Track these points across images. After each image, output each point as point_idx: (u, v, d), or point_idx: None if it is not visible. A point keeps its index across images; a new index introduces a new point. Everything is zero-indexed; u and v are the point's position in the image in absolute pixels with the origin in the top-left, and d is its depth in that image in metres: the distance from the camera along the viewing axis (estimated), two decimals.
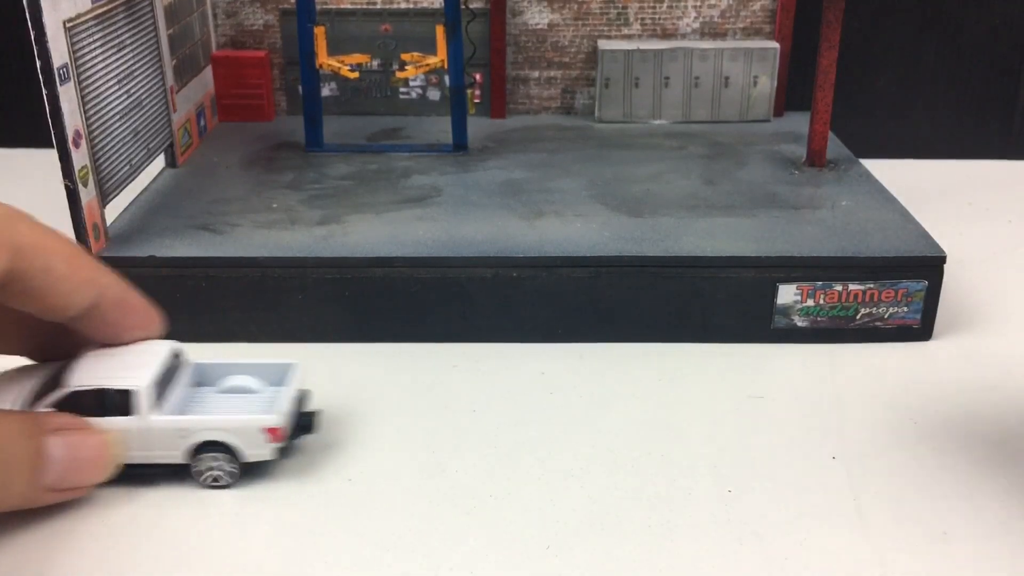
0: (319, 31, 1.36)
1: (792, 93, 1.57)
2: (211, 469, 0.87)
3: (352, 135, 1.48)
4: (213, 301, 1.10)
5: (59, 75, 1.01)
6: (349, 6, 1.53)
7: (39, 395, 0.86)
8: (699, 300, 1.10)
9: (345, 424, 0.97)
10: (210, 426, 0.86)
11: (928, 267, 1.09)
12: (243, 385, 0.92)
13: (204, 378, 0.94)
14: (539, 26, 1.55)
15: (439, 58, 1.38)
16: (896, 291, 1.09)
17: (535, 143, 1.45)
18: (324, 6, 1.50)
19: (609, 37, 1.56)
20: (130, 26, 1.20)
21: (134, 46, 1.21)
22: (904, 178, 1.42)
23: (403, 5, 1.53)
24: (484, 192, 1.26)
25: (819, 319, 1.10)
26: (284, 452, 0.88)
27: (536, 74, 1.58)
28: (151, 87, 1.26)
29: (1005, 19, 1.61)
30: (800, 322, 1.11)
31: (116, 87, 1.15)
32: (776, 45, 1.52)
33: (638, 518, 0.84)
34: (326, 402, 1.00)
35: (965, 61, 1.64)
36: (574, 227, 1.15)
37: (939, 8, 1.61)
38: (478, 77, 1.56)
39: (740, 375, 1.06)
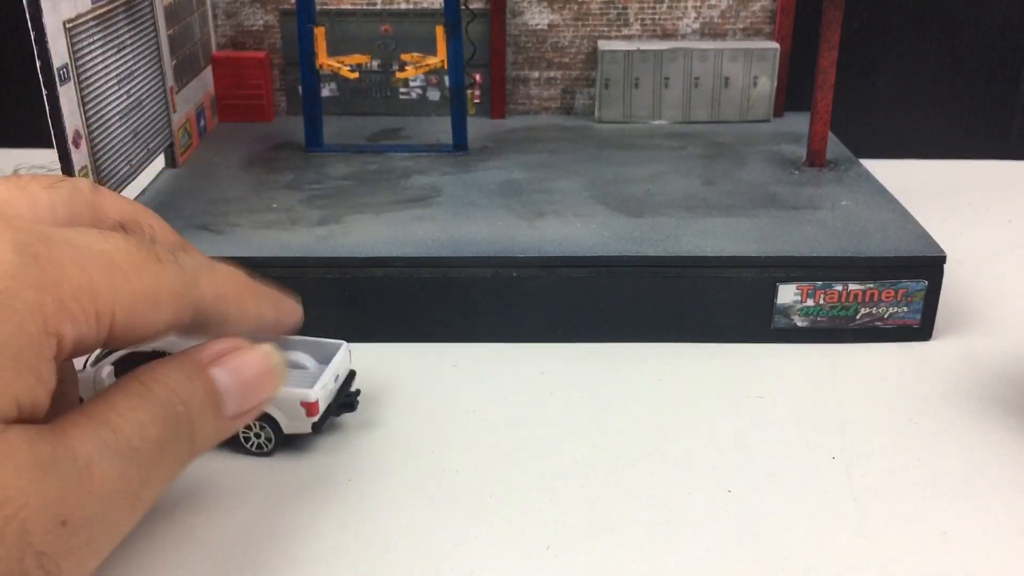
0: (319, 31, 1.36)
1: (792, 93, 1.57)
2: (258, 437, 0.91)
3: (352, 135, 1.48)
4: None
5: (59, 75, 1.01)
6: (349, 6, 1.53)
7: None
8: (699, 300, 1.10)
9: (345, 424, 0.97)
10: None
11: (928, 267, 1.09)
12: (296, 361, 0.94)
13: None
14: (539, 26, 1.55)
15: (439, 58, 1.38)
16: (896, 291, 1.09)
17: (535, 143, 1.45)
18: (324, 6, 1.50)
19: (609, 37, 1.56)
20: (130, 26, 1.20)
21: (134, 46, 1.21)
22: (904, 178, 1.42)
23: (403, 5, 1.53)
24: (484, 192, 1.26)
25: (819, 319, 1.10)
26: (319, 428, 0.90)
27: (536, 74, 1.58)
28: (151, 87, 1.26)
29: (1005, 19, 1.61)
30: (800, 322, 1.11)
31: (116, 87, 1.15)
32: (776, 45, 1.52)
33: (638, 518, 0.84)
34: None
35: (965, 61, 1.64)
36: (574, 227, 1.15)
37: (939, 8, 1.61)
38: (478, 77, 1.56)
39: (740, 375, 1.06)
